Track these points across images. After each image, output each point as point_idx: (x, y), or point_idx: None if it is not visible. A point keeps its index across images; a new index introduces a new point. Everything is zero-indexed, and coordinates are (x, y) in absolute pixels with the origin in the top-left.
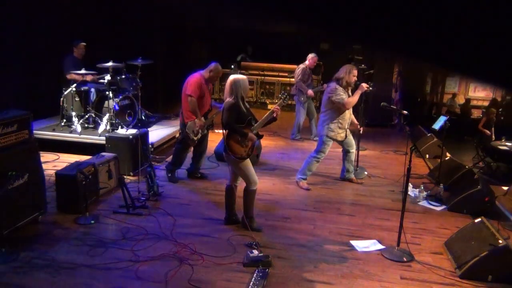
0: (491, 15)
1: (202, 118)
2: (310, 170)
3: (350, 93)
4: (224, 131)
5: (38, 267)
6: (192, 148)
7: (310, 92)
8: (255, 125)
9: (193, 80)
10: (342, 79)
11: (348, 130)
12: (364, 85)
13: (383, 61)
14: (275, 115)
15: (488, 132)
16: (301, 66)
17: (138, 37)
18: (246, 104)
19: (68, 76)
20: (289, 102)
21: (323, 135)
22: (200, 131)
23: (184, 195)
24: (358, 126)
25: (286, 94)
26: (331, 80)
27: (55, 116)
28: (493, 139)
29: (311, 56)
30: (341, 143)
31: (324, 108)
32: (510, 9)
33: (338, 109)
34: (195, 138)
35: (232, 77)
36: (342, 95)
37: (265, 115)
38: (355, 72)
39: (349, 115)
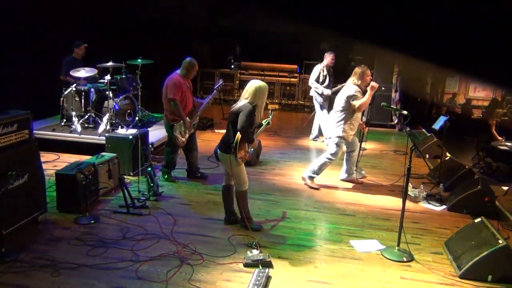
0: (491, 15)
1: (187, 118)
2: (321, 170)
3: None
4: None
5: (38, 267)
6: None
7: (327, 91)
8: (255, 134)
9: (172, 82)
10: (360, 85)
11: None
12: (375, 84)
13: (383, 60)
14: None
15: (500, 138)
16: (318, 66)
17: (138, 37)
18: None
19: (62, 77)
20: (290, 102)
21: (336, 136)
22: (187, 131)
23: (184, 195)
24: (364, 126)
25: (272, 111)
26: (348, 83)
27: (55, 116)
28: (500, 139)
29: (327, 54)
30: (347, 143)
31: (339, 109)
32: (510, 9)
33: (353, 110)
34: (184, 139)
35: (257, 82)
36: (360, 97)
37: (262, 127)
38: (369, 72)
39: (360, 116)
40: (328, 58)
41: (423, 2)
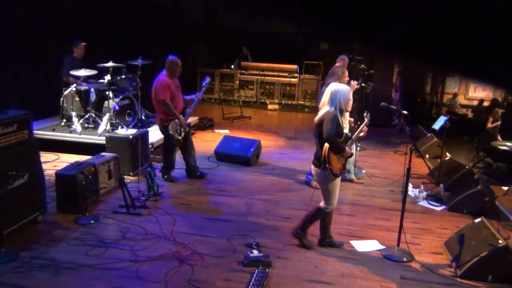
0: (491, 15)
1: (181, 116)
2: None
3: None
4: (318, 142)
5: (38, 267)
6: (179, 150)
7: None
8: (348, 142)
9: (160, 83)
10: None
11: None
12: (354, 83)
13: (383, 60)
14: (362, 135)
15: (491, 125)
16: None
17: (138, 37)
18: (342, 118)
19: (64, 78)
20: (290, 102)
21: None
22: (182, 129)
23: (184, 195)
24: (352, 124)
25: (369, 113)
26: (324, 84)
27: (55, 116)
28: (499, 139)
29: (340, 58)
30: None
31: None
32: (510, 9)
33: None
34: (180, 138)
35: (334, 86)
36: None
37: (355, 134)
38: (347, 73)
39: (348, 115)
40: (342, 62)
41: (423, 2)
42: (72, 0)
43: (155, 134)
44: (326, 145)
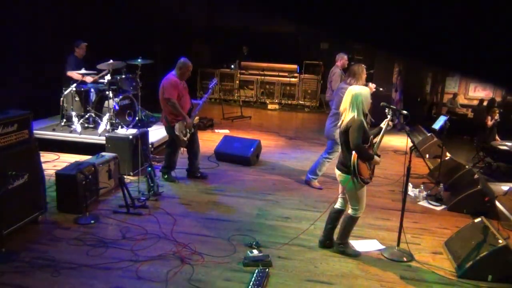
0: (491, 15)
1: (187, 117)
2: (321, 170)
3: None
4: (346, 151)
5: (38, 267)
6: (184, 150)
7: None
8: (375, 146)
9: (168, 82)
10: (357, 85)
11: None
12: (372, 85)
13: (383, 60)
14: (388, 128)
15: (490, 122)
16: (336, 70)
17: (138, 37)
18: (367, 119)
19: (69, 73)
20: (290, 102)
21: (336, 137)
22: (188, 130)
23: (184, 195)
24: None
25: (390, 109)
26: (344, 82)
27: (55, 116)
28: (497, 139)
29: (339, 56)
30: None
31: (337, 110)
32: (510, 9)
33: None
34: (186, 139)
35: (353, 90)
36: None
37: (381, 134)
38: (365, 71)
39: None
40: (342, 60)
41: (423, 2)
42: (72, 0)
43: (155, 134)
44: (355, 153)
